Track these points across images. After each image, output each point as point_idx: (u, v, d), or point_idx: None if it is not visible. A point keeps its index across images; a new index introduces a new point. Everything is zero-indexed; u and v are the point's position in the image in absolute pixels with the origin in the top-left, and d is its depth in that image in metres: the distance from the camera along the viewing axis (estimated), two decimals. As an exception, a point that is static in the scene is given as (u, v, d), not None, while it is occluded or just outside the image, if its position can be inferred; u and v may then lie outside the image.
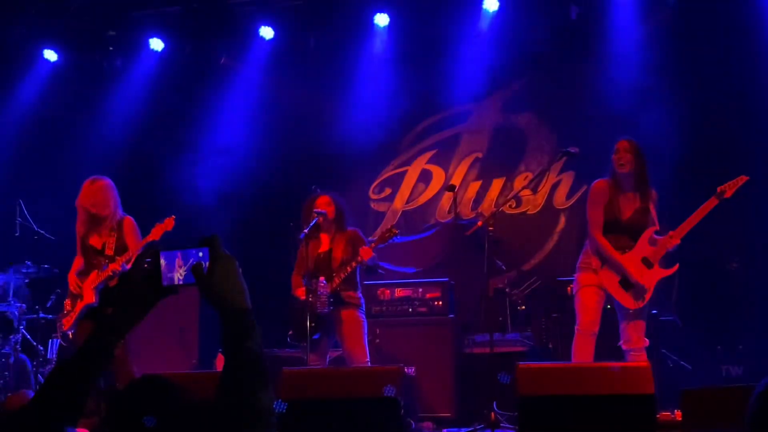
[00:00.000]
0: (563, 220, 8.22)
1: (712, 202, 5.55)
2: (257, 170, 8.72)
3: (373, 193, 8.83)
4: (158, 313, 2.39)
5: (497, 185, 8.46)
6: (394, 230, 6.08)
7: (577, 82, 8.25)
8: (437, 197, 8.63)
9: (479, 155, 8.59)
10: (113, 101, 9.04)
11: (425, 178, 8.71)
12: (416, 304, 7.16)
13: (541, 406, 4.47)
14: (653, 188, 5.71)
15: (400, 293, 7.23)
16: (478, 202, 8.48)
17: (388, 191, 8.81)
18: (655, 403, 4.38)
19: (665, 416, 5.08)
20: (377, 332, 6.93)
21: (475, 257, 6.84)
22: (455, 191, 7.18)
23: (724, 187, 5.57)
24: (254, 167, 8.71)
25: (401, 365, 5.30)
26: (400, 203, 8.74)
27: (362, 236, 6.23)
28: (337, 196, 6.30)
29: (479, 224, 6.11)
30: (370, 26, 8.53)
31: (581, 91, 8.17)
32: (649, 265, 5.57)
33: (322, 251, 6.17)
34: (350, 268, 6.00)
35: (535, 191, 8.20)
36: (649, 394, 4.35)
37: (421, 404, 6.39)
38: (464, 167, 8.59)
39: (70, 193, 6.14)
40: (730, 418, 3.82)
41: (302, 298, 6.05)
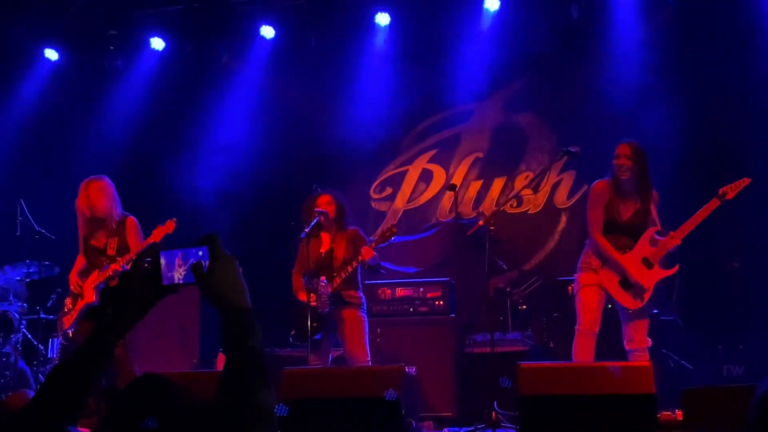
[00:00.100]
0: (564, 219, 8.21)
1: (713, 203, 5.52)
2: (258, 170, 8.72)
3: (374, 192, 8.83)
4: (159, 312, 2.40)
5: (498, 185, 8.45)
6: (393, 229, 6.06)
7: (577, 81, 8.25)
8: (438, 197, 8.62)
9: (480, 155, 8.58)
10: (114, 100, 9.03)
11: (426, 177, 8.71)
12: (417, 303, 7.15)
13: (542, 405, 4.46)
14: (654, 189, 5.70)
15: (401, 293, 7.23)
16: (479, 201, 8.48)
17: (389, 191, 8.80)
18: (656, 402, 4.38)
19: (666, 416, 5.07)
20: (378, 332, 6.93)
21: (476, 257, 6.84)
22: (456, 191, 7.17)
23: (726, 188, 5.53)
24: (255, 167, 8.71)
25: (402, 365, 5.28)
26: (401, 203, 8.74)
27: (363, 236, 6.21)
28: (338, 194, 6.28)
29: (480, 224, 6.10)
30: (371, 26, 8.52)
31: (582, 90, 8.16)
32: (649, 265, 5.56)
33: (323, 250, 6.15)
34: (351, 267, 5.99)
35: (536, 191, 8.19)
36: (650, 393, 4.34)
37: (422, 404, 6.38)
38: (465, 167, 8.58)
39: (71, 192, 6.13)
40: (730, 417, 3.83)
41: (303, 300, 6.04)
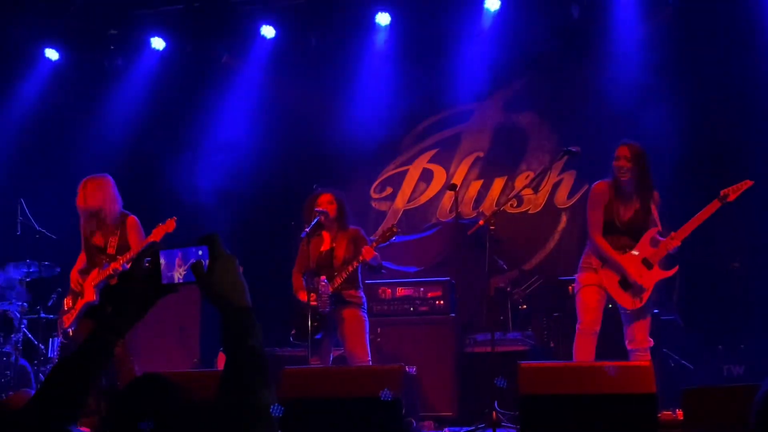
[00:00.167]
0: (564, 219, 8.21)
1: (714, 205, 5.49)
2: (258, 169, 8.71)
3: (374, 192, 8.83)
4: (159, 311, 2.40)
5: (498, 184, 8.45)
6: (394, 228, 6.05)
7: (578, 81, 8.24)
8: (438, 196, 8.62)
9: (480, 154, 8.58)
10: (114, 100, 9.03)
11: (426, 177, 8.70)
12: (417, 303, 7.15)
13: (542, 405, 4.46)
14: (655, 189, 5.69)
15: (401, 292, 7.22)
16: (479, 201, 8.48)
17: (389, 190, 8.80)
18: (656, 402, 4.37)
19: (667, 415, 5.08)
20: (378, 331, 6.93)
21: (476, 256, 6.84)
22: (456, 190, 7.17)
23: (727, 190, 5.50)
24: (255, 166, 8.71)
25: (402, 364, 5.28)
26: (401, 202, 8.74)
27: (364, 235, 6.20)
28: (339, 193, 6.26)
29: (480, 223, 6.09)
30: (371, 25, 8.52)
31: (582, 90, 8.16)
32: (649, 266, 5.55)
33: (324, 250, 6.14)
34: (352, 267, 5.98)
35: (536, 190, 8.19)
36: (650, 393, 4.34)
37: (422, 403, 6.38)
38: (465, 166, 8.58)
39: (71, 191, 6.13)
40: (731, 417, 3.83)
41: (304, 300, 6.04)
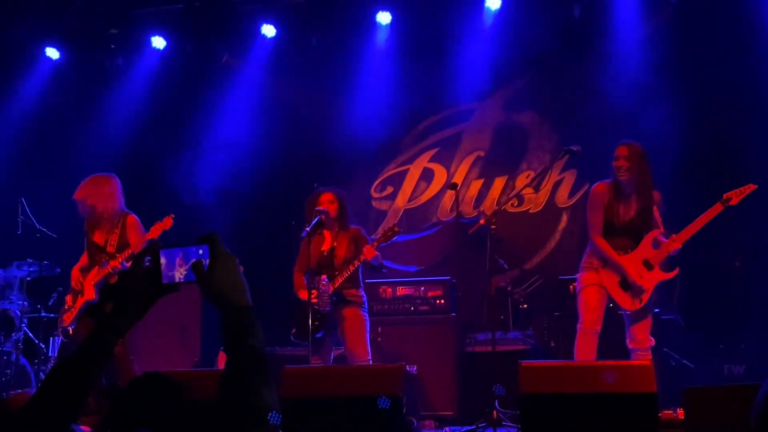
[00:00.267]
0: (565, 218, 8.21)
1: (716, 208, 5.45)
2: (258, 169, 8.71)
3: (374, 191, 8.82)
4: (160, 311, 2.40)
5: (499, 184, 8.45)
6: (396, 228, 6.05)
7: (579, 80, 8.24)
8: (439, 196, 8.62)
9: (481, 154, 8.58)
10: (115, 99, 9.03)
11: (427, 176, 8.70)
12: (418, 302, 7.15)
13: (543, 404, 4.45)
14: (656, 189, 5.68)
15: (402, 292, 7.22)
16: (480, 200, 8.48)
17: (389, 190, 8.80)
18: (657, 401, 4.37)
19: (667, 415, 5.07)
20: (379, 330, 6.93)
21: (477, 256, 6.84)
22: (457, 190, 7.16)
23: (730, 194, 5.47)
24: (255, 166, 8.71)
25: (403, 364, 5.28)
26: (402, 202, 8.73)
27: (365, 235, 6.20)
28: (340, 192, 6.25)
29: (481, 223, 6.09)
30: (372, 24, 8.52)
31: (583, 89, 8.16)
32: (649, 267, 5.54)
33: (325, 249, 6.14)
34: (353, 266, 5.98)
35: (537, 190, 8.18)
36: (651, 392, 4.34)
37: (423, 403, 6.38)
38: (466, 166, 8.58)
39: (72, 191, 6.13)
40: (732, 417, 3.82)
41: (304, 299, 6.03)
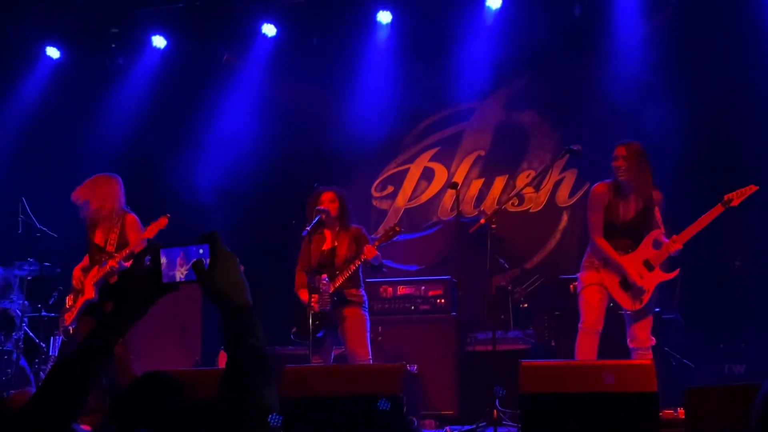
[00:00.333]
0: (566, 218, 8.21)
1: (717, 209, 5.44)
2: (259, 168, 8.71)
3: (375, 190, 8.83)
4: (160, 310, 2.39)
5: (500, 183, 8.45)
6: (397, 228, 6.04)
7: (579, 80, 8.24)
8: (440, 195, 8.62)
9: (482, 153, 8.58)
10: (116, 99, 9.04)
11: (428, 175, 8.70)
12: (418, 301, 7.15)
13: (543, 403, 4.45)
14: (657, 189, 5.67)
15: (402, 291, 7.22)
16: (480, 199, 8.48)
17: (390, 189, 8.80)
18: (657, 401, 4.37)
19: (668, 414, 5.07)
20: (379, 330, 6.92)
21: (477, 255, 6.83)
22: (458, 189, 7.15)
23: (731, 195, 5.45)
24: (256, 165, 8.71)
25: (403, 363, 5.28)
26: (402, 201, 8.73)
27: (366, 234, 6.19)
28: (341, 192, 6.24)
29: (482, 222, 6.09)
30: (372, 23, 8.52)
31: (584, 88, 8.16)
32: (650, 267, 5.54)
33: (325, 248, 6.13)
34: (354, 266, 5.98)
35: (537, 189, 8.18)
36: (652, 392, 4.34)
37: (423, 402, 6.38)
38: (467, 165, 8.58)
39: (72, 190, 6.14)
40: (733, 416, 3.82)
41: (305, 298, 6.03)
